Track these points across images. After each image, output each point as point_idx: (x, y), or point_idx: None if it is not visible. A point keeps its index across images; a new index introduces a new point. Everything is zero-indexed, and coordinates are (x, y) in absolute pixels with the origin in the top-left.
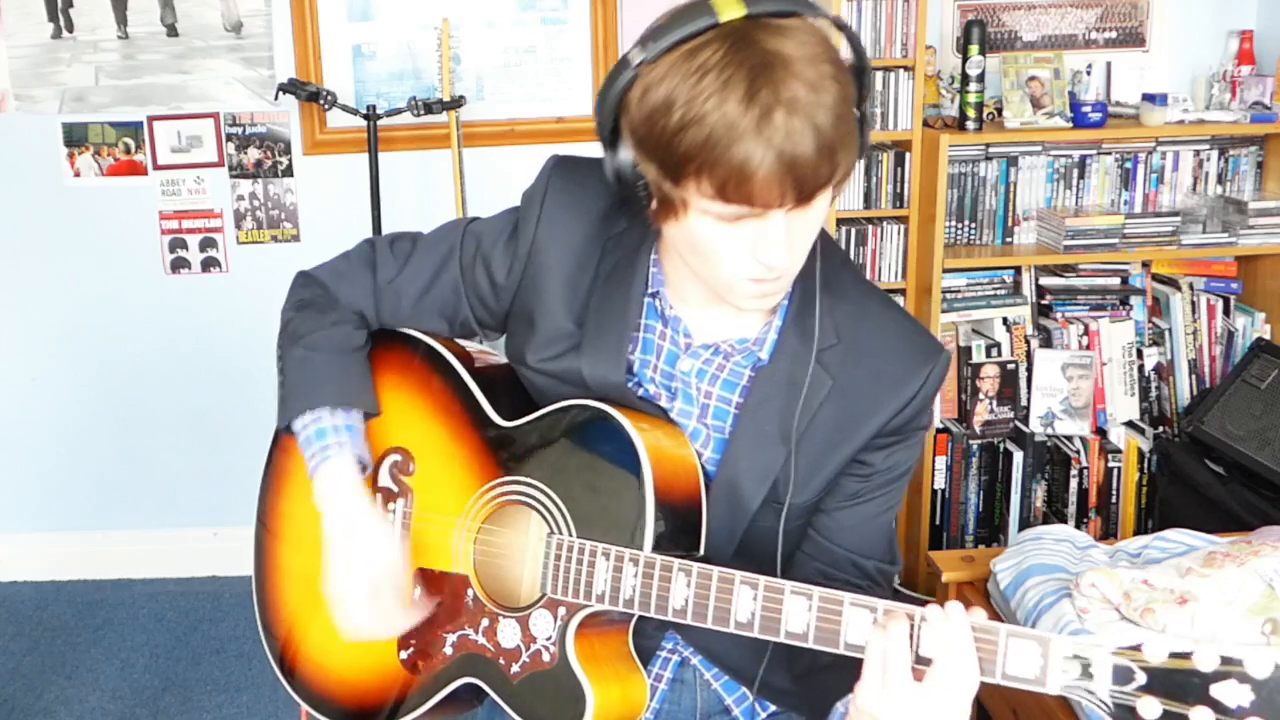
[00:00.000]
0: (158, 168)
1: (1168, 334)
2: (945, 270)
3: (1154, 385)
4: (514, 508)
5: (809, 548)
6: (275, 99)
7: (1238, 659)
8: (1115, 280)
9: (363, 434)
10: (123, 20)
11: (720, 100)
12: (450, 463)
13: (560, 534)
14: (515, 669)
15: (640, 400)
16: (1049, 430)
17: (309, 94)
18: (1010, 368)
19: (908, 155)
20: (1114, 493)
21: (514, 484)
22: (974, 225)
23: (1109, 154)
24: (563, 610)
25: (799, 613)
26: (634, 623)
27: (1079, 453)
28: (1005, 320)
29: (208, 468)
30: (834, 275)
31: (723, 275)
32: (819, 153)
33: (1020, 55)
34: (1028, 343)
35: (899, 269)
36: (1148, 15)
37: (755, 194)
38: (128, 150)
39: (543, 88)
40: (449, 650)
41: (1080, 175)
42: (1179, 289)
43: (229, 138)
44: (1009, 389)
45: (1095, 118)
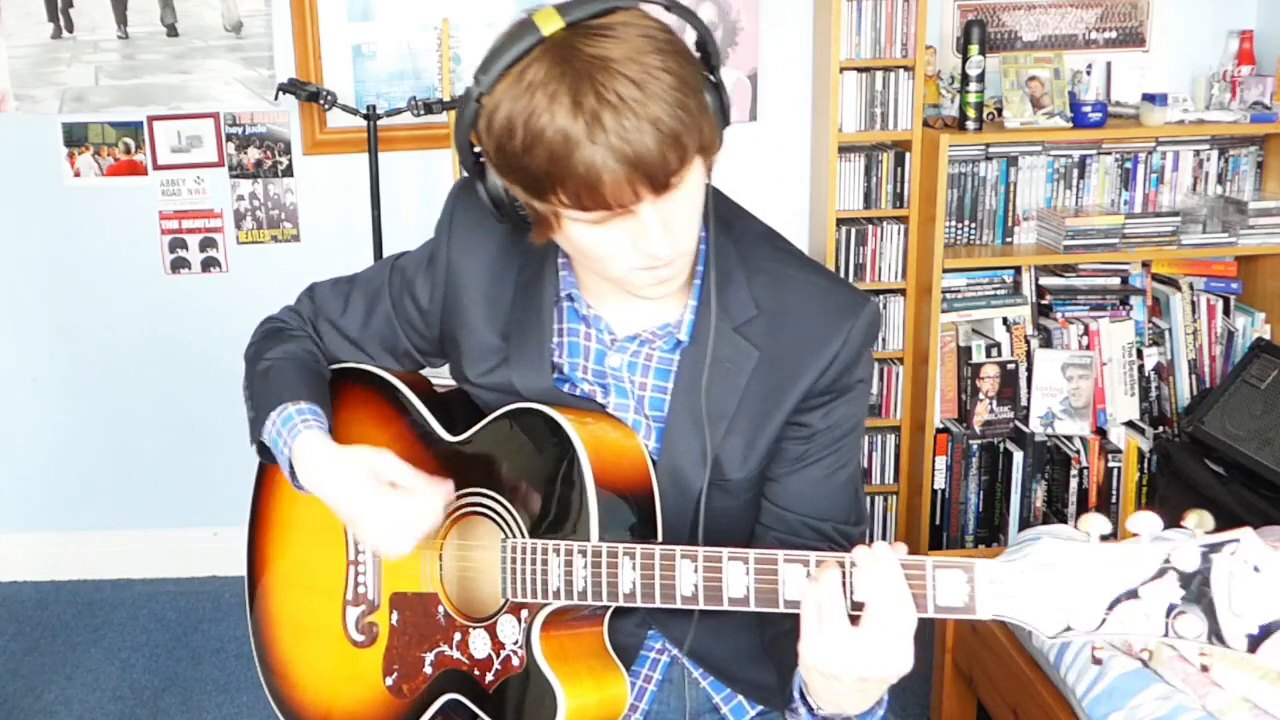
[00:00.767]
0: (158, 168)
1: (1168, 334)
2: (945, 270)
3: (1154, 385)
4: (472, 519)
5: (765, 518)
6: (275, 99)
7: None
8: (1115, 280)
9: (329, 422)
10: (123, 20)
11: (551, 115)
12: None
13: (513, 537)
14: (489, 678)
15: (577, 399)
16: (1049, 430)
17: (309, 94)
18: (1010, 368)
19: (908, 155)
20: (1114, 493)
21: (467, 496)
22: (974, 225)
23: (1109, 154)
24: (525, 612)
25: (738, 577)
26: (608, 620)
27: (1079, 453)
28: (1005, 320)
29: (208, 468)
30: (748, 247)
31: (614, 272)
32: (660, 144)
33: (1020, 55)
34: (1028, 343)
35: (899, 269)
36: (1148, 15)
37: (609, 197)
38: (128, 150)
39: None
40: (429, 669)
41: (1080, 175)
42: (1179, 289)
43: (229, 138)
44: (1009, 389)
45: (1095, 118)
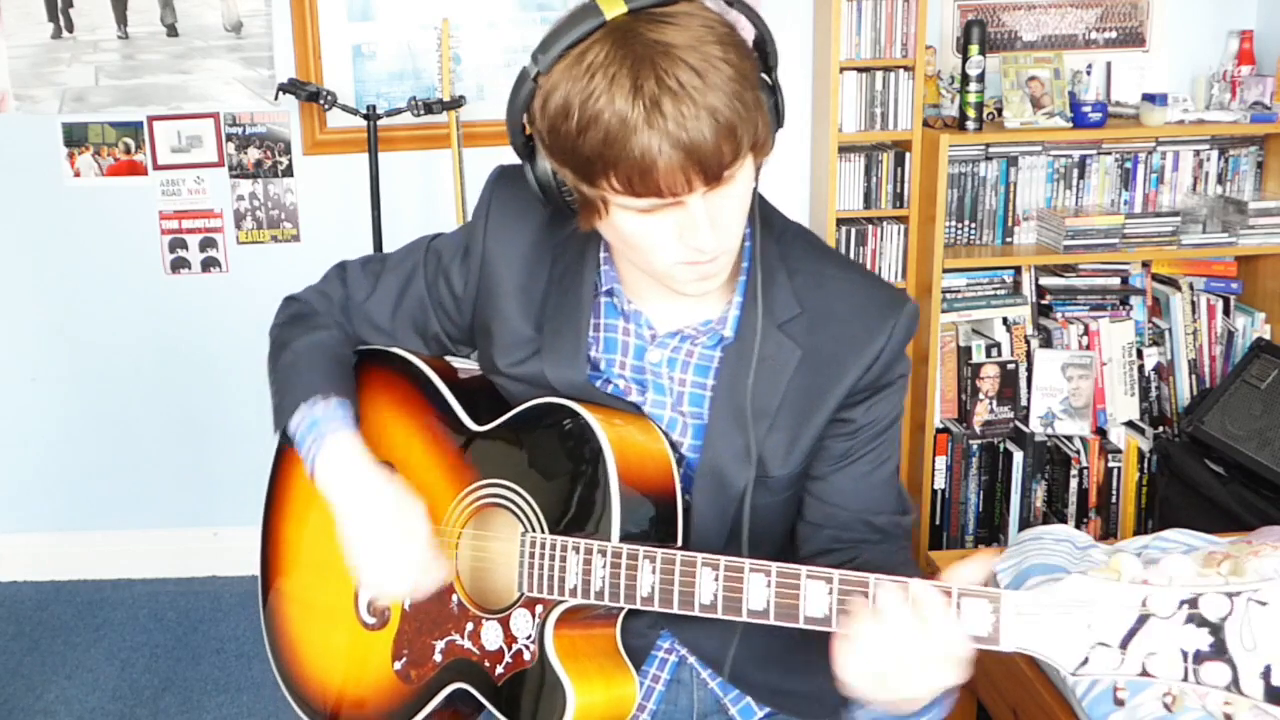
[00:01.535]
0: (158, 168)
1: (1168, 334)
2: (945, 270)
3: (1154, 385)
4: (491, 510)
5: (815, 516)
6: (275, 99)
7: (1191, 599)
8: (1115, 280)
9: (355, 419)
10: (123, 20)
11: (610, 98)
12: (431, 473)
13: (533, 532)
14: (499, 670)
15: (608, 396)
16: (1049, 430)
17: (309, 94)
18: (1010, 368)
19: (908, 155)
20: (1114, 493)
21: (489, 487)
22: (974, 225)
23: (1109, 154)
24: (540, 608)
25: (759, 590)
26: (621, 620)
27: (1079, 453)
28: (1005, 320)
29: (208, 468)
30: (788, 247)
31: (658, 265)
32: (717, 134)
33: (1020, 55)
34: (1028, 343)
35: (899, 269)
36: (1148, 15)
37: (662, 184)
38: (128, 150)
39: None
40: (439, 657)
41: (1080, 175)
42: (1179, 289)
43: (229, 138)
44: (1009, 389)
45: (1095, 118)
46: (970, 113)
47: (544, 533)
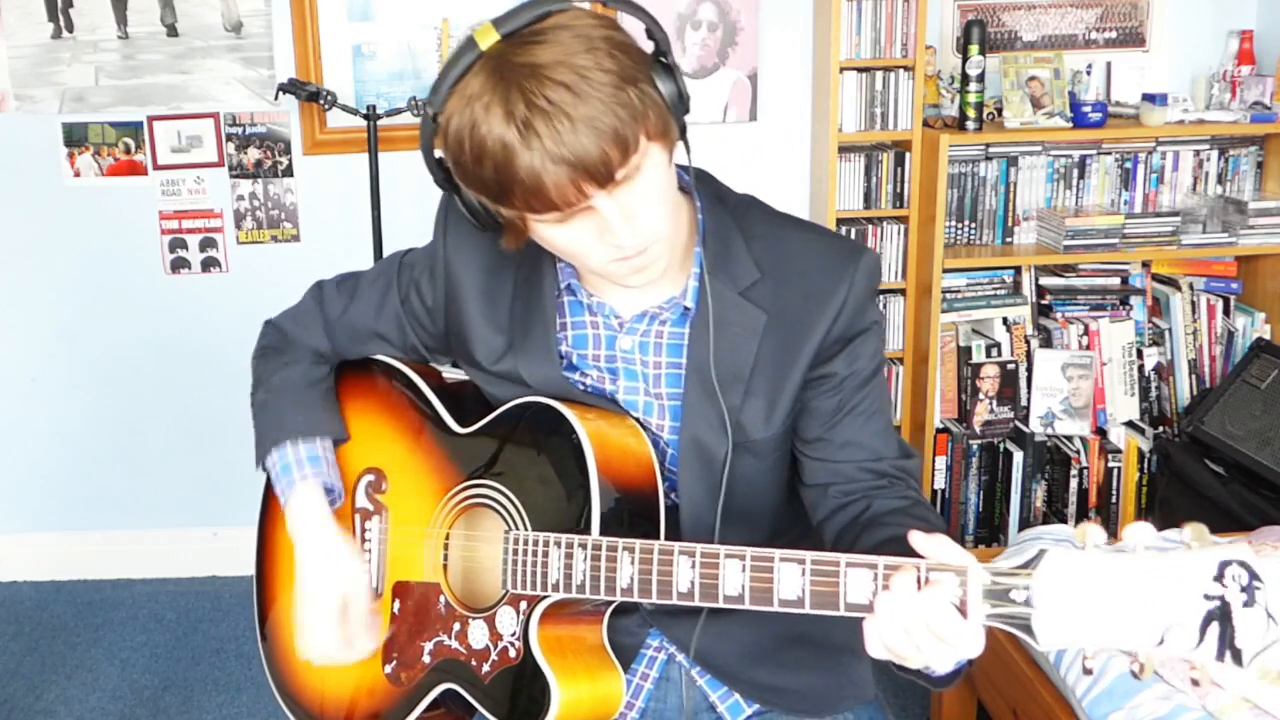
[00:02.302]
0: (158, 168)
1: (1168, 334)
2: (945, 270)
3: (1154, 385)
4: (477, 510)
5: (818, 477)
6: (275, 99)
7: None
8: (1115, 280)
9: (329, 462)
10: (123, 20)
11: (489, 126)
12: (418, 475)
13: (516, 529)
14: (485, 668)
15: (585, 394)
16: (1049, 430)
17: (309, 94)
18: (1010, 368)
19: (908, 155)
20: (1114, 493)
21: (474, 487)
22: (974, 225)
23: (1109, 154)
24: (524, 604)
25: (734, 575)
26: (608, 618)
27: (1079, 453)
28: (1005, 320)
29: (208, 468)
30: (743, 215)
31: (593, 266)
32: (599, 141)
33: (1020, 55)
34: (1028, 343)
35: (899, 269)
36: (1148, 15)
37: (555, 198)
38: (128, 150)
39: None
40: (427, 659)
41: (1080, 175)
42: (1179, 289)
43: (229, 138)
44: (1009, 389)
45: (1095, 118)
46: (970, 113)
47: (526, 529)
